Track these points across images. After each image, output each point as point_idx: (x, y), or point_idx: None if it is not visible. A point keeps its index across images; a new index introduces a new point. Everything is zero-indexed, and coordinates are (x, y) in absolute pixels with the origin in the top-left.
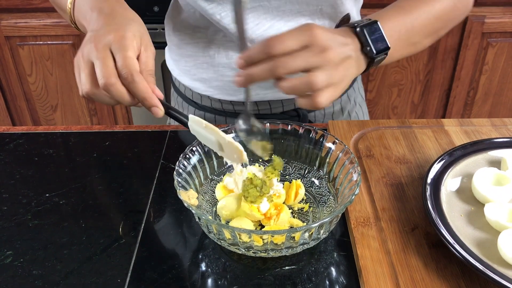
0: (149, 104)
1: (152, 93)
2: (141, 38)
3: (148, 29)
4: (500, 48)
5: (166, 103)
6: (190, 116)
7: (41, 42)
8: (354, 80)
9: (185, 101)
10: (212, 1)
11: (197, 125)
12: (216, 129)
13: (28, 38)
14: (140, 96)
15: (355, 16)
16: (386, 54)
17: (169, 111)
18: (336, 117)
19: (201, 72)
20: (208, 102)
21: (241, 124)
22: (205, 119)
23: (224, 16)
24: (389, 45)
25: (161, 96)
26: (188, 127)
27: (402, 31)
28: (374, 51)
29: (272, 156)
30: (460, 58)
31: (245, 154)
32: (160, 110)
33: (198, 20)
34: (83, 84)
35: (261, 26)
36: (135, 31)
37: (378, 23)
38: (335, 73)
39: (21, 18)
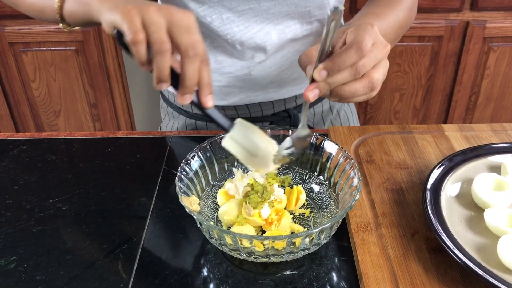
0: (210, 91)
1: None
2: None
3: None
4: (501, 53)
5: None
6: (240, 119)
7: (44, 48)
8: None
9: (175, 110)
10: (203, 3)
11: (247, 128)
12: (265, 135)
13: (32, 44)
14: (207, 80)
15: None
16: None
17: (214, 108)
18: (325, 115)
19: None
20: (199, 110)
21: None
22: (196, 127)
23: (215, 19)
24: None
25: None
26: (228, 130)
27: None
28: None
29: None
30: (461, 62)
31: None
32: (213, 100)
33: None
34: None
35: (250, 29)
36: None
37: None
38: (386, 63)
39: (24, 25)
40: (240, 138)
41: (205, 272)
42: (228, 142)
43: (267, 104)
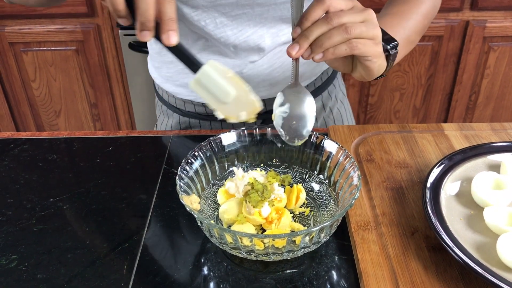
0: (172, 27)
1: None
2: None
3: (131, 35)
4: (501, 52)
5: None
6: (211, 61)
7: (44, 48)
8: (334, 76)
9: (169, 108)
10: (197, 8)
11: (217, 72)
12: (240, 81)
13: (32, 44)
14: (166, 16)
15: None
16: (397, 49)
17: (181, 47)
18: (318, 113)
19: (183, 78)
20: (192, 107)
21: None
22: (189, 125)
23: (209, 23)
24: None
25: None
26: (195, 72)
27: (401, 33)
28: (388, 46)
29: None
30: (461, 62)
31: (257, 110)
32: (176, 36)
33: (180, 28)
34: None
35: (244, 33)
36: None
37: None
38: (376, 30)
39: (25, 24)
40: (207, 81)
41: (205, 270)
42: (194, 85)
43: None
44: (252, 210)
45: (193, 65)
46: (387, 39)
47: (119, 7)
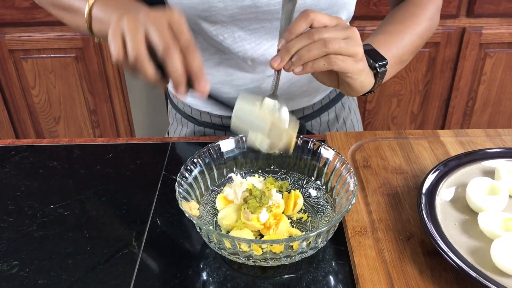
0: (202, 76)
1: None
2: None
3: None
4: (497, 59)
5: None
6: (242, 94)
7: (44, 55)
8: None
9: (184, 117)
10: (216, 23)
11: (250, 103)
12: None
13: (32, 52)
14: (194, 67)
15: None
16: (386, 67)
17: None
18: (332, 124)
19: None
20: (208, 117)
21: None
22: (204, 134)
23: (227, 37)
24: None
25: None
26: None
27: (393, 52)
28: (377, 64)
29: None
30: (458, 68)
31: (294, 140)
32: (208, 85)
33: (198, 42)
34: (137, 44)
35: (262, 46)
36: None
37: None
38: (357, 48)
39: (24, 32)
40: (242, 118)
41: (204, 276)
42: (234, 125)
43: None
44: (250, 216)
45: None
46: (376, 57)
47: (152, 78)
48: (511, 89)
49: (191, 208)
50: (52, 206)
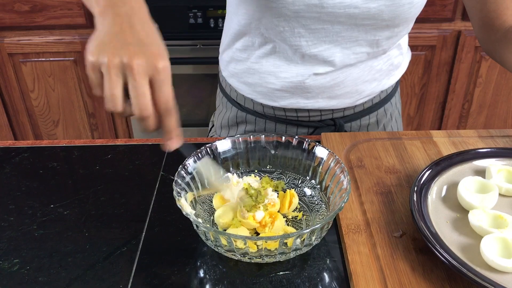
0: (172, 137)
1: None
2: None
3: None
4: (493, 62)
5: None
6: (204, 160)
7: (43, 59)
8: (392, 95)
9: (229, 101)
10: (280, 16)
11: (206, 171)
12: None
13: (31, 55)
14: (166, 128)
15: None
16: None
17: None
18: (371, 128)
19: (247, 77)
20: (251, 104)
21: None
22: (245, 120)
23: (287, 30)
24: None
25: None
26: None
27: None
28: None
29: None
30: (454, 71)
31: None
32: (176, 143)
33: (250, 31)
34: (115, 101)
35: (318, 46)
36: (166, 54)
37: None
38: None
39: (24, 36)
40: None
41: (201, 273)
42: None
43: (315, 111)
44: (246, 214)
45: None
46: None
47: (126, 116)
48: (506, 91)
49: (186, 199)
50: (52, 206)
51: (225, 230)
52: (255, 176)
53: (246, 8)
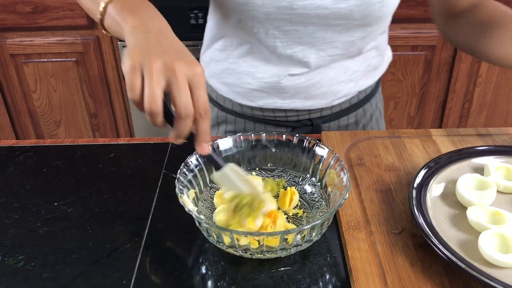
0: (207, 140)
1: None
2: None
3: None
4: None
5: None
6: (230, 165)
7: (45, 60)
8: (372, 95)
9: (210, 101)
10: (253, 18)
11: (235, 174)
12: (253, 183)
13: (33, 56)
14: (203, 131)
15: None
16: None
17: (211, 153)
18: (350, 129)
19: (226, 77)
20: (230, 104)
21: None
22: (226, 120)
23: (261, 31)
24: None
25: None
26: (218, 170)
27: None
28: None
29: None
30: (454, 71)
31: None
32: (209, 148)
33: (226, 31)
34: (156, 101)
35: (292, 47)
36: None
37: None
38: None
39: (26, 37)
40: (226, 181)
41: (203, 269)
42: (217, 179)
43: (292, 111)
44: (246, 221)
45: (217, 167)
46: None
47: (158, 123)
48: (506, 91)
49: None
50: (55, 204)
51: None
52: (256, 174)
53: (221, 10)
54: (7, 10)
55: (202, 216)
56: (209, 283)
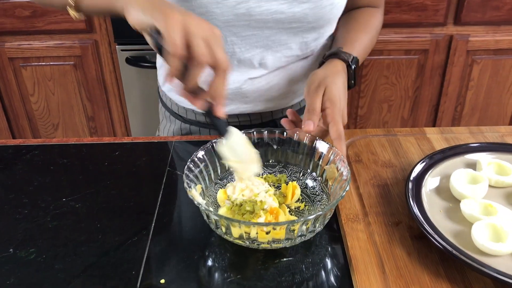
0: (223, 97)
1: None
2: None
3: (128, 50)
4: (484, 65)
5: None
6: (233, 129)
7: (43, 63)
8: None
9: (172, 115)
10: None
11: (238, 137)
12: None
13: (31, 59)
14: (220, 89)
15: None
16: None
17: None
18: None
19: None
20: (193, 115)
21: None
22: (190, 131)
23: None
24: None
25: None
26: (223, 135)
27: (362, 47)
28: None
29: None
30: (447, 74)
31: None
32: (223, 108)
33: None
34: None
35: (250, 51)
36: None
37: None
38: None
39: (24, 40)
40: (232, 144)
41: (209, 261)
42: (221, 147)
43: (256, 115)
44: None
45: (224, 130)
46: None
47: (195, 82)
48: (498, 94)
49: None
50: (64, 199)
51: None
52: (261, 178)
53: None
54: (6, 14)
55: (211, 209)
56: (216, 274)
